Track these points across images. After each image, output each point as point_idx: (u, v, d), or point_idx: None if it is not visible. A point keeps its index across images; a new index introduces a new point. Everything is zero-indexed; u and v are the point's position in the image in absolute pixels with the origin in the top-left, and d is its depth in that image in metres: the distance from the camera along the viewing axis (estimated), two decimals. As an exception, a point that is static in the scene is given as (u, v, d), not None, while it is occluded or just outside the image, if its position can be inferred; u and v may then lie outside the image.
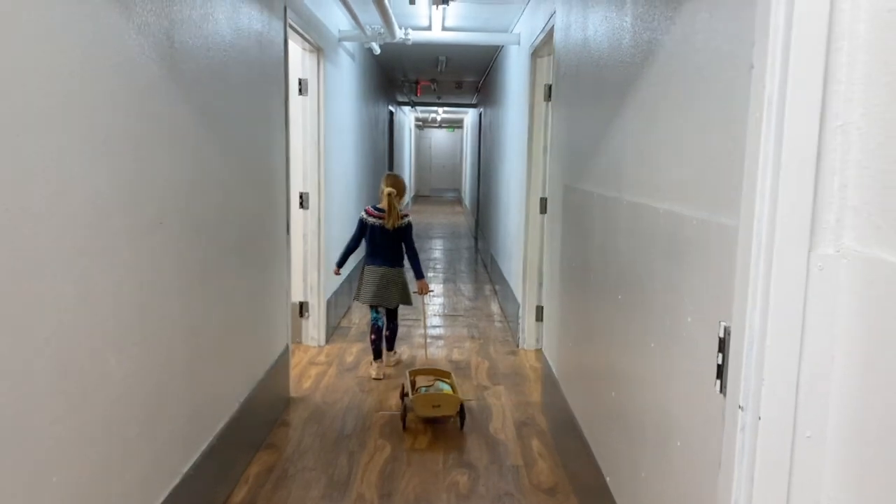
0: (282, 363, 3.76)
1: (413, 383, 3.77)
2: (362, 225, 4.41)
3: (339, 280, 5.66)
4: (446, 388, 3.68)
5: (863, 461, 1.05)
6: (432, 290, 4.54)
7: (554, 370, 3.55)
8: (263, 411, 3.41)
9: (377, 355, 4.44)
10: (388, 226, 4.31)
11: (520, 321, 5.13)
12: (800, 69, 1.07)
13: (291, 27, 3.88)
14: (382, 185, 4.41)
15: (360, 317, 6.00)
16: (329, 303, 5.19)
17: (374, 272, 4.37)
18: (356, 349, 5.02)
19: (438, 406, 3.51)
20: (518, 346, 5.14)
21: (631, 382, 2.13)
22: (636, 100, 2.16)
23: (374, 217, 4.36)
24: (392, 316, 4.58)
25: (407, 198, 4.25)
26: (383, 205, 4.32)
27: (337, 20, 5.32)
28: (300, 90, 4.71)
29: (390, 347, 4.63)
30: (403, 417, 3.60)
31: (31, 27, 1.43)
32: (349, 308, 6.26)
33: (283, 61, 3.70)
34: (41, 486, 1.52)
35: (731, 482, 1.19)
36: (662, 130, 1.89)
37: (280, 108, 3.67)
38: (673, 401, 1.71)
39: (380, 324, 4.48)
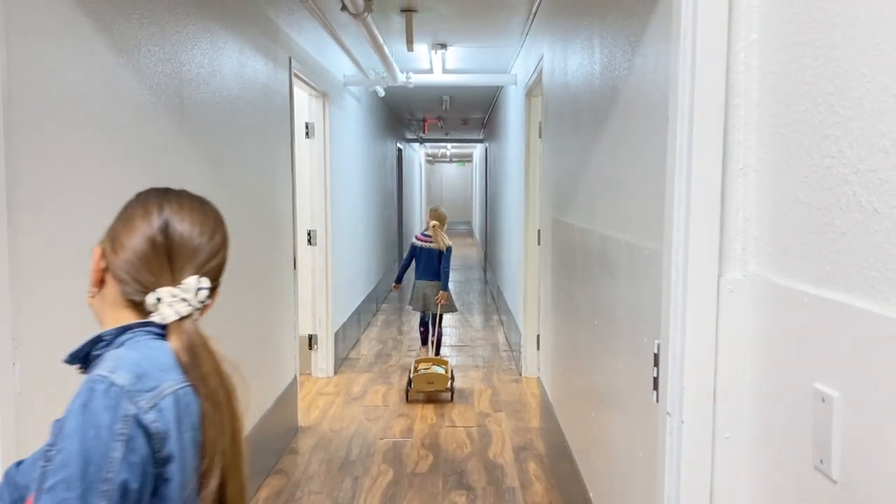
0: (290, 394, 3.94)
1: (416, 368, 4.77)
2: (413, 248, 5.57)
3: (347, 313, 5.87)
4: (440, 371, 4.74)
5: (773, 458, 1.21)
6: (446, 303, 5.43)
7: (549, 395, 3.70)
8: (272, 439, 3.58)
9: (423, 342, 5.72)
10: (437, 247, 5.39)
11: (521, 350, 5.29)
12: (703, 121, 1.26)
13: (296, 76, 4.13)
14: (428, 217, 5.62)
15: (369, 349, 6.18)
16: (337, 335, 5.37)
17: (421, 286, 5.49)
18: (363, 379, 5.19)
19: (432, 383, 4.63)
20: (520, 374, 5.28)
21: (606, 401, 2.29)
22: (605, 140, 2.35)
23: (423, 241, 5.50)
24: (437, 322, 5.49)
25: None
26: (430, 232, 5.47)
27: (341, 66, 5.60)
28: (307, 133, 4.97)
29: (437, 352, 5.47)
30: (407, 392, 4.69)
31: (55, 90, 1.66)
32: (358, 340, 6.44)
33: (289, 108, 3.94)
34: None
35: (664, 480, 1.35)
36: (624, 169, 2.08)
37: (286, 152, 3.91)
38: (635, 414, 1.87)
39: (426, 320, 5.69)
